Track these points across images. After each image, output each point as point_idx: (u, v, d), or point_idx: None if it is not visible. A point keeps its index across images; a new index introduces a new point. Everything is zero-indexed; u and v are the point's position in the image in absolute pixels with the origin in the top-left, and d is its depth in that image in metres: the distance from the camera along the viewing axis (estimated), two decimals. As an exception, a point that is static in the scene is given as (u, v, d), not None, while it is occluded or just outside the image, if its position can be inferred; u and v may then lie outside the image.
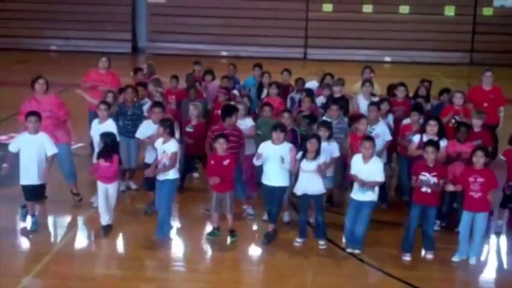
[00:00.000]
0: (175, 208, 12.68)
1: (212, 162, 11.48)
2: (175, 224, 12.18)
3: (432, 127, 12.13)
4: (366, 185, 11.01)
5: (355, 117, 12.99)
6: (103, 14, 32.86)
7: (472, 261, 11.12)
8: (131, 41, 33.89)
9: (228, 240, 11.61)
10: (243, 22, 32.70)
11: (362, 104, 14.42)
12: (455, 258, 11.16)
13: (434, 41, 32.67)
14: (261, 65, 17.44)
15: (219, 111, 13.23)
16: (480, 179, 10.86)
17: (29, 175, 11.52)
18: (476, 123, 12.74)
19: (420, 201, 11.05)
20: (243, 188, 12.54)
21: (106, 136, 11.72)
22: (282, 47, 32.42)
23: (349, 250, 11.26)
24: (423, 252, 11.34)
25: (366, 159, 11.11)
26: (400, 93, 14.64)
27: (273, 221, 11.71)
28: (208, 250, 11.49)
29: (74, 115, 13.43)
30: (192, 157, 13.95)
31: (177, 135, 12.74)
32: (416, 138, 12.36)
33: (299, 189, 11.49)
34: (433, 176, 10.95)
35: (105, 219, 11.71)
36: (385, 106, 13.68)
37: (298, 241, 11.67)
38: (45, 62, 29.42)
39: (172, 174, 11.49)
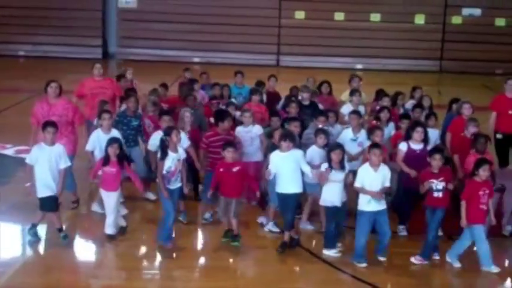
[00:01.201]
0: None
1: (221, 169, 11.43)
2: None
3: (420, 134, 12.09)
4: (379, 195, 10.93)
5: (371, 129, 12.78)
6: (73, 20, 32.56)
7: (495, 269, 11.06)
8: (102, 47, 33.67)
9: (231, 244, 11.63)
10: (216, 28, 32.64)
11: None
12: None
13: (404, 48, 32.91)
14: (242, 72, 17.35)
15: (211, 119, 13.38)
16: (487, 191, 10.94)
17: (47, 187, 11.23)
18: (472, 131, 12.73)
19: (433, 204, 11.13)
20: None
21: (115, 141, 11.61)
22: (254, 54, 32.41)
23: (382, 259, 11.24)
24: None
25: (376, 166, 11.00)
26: (384, 102, 14.74)
27: (288, 229, 11.50)
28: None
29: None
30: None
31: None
32: (403, 146, 12.23)
33: (326, 201, 11.43)
34: (441, 181, 11.04)
35: (111, 228, 11.71)
36: (385, 114, 13.67)
37: (325, 253, 11.49)
38: (13, 68, 29.21)
39: (179, 183, 11.56)
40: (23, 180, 12.27)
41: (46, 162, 11.19)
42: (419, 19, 33.37)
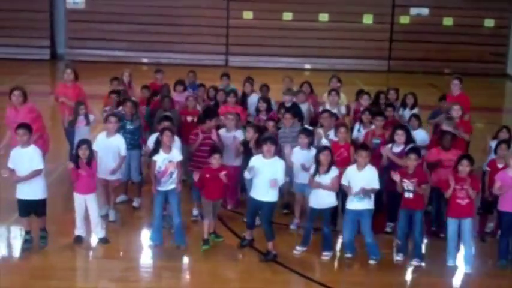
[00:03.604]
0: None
1: (207, 175, 11.38)
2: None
3: (400, 136, 12.29)
4: (363, 193, 11.05)
5: (336, 126, 12.96)
6: (21, 21, 32.11)
7: (467, 270, 11.27)
8: (50, 48, 33.31)
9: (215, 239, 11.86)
10: (164, 29, 32.53)
11: None
12: (450, 263, 11.41)
13: (353, 48, 33.05)
14: (228, 74, 17.24)
15: (191, 118, 13.52)
16: (466, 186, 11.01)
17: (26, 190, 11.10)
18: (447, 129, 12.84)
19: (406, 206, 11.29)
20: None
21: (84, 142, 11.49)
22: (203, 54, 32.34)
23: (371, 262, 11.28)
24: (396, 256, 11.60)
25: (361, 167, 11.15)
26: (364, 101, 14.90)
27: (269, 239, 11.41)
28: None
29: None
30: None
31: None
32: (387, 147, 12.41)
33: (312, 202, 11.53)
34: (412, 182, 11.14)
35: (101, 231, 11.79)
36: (366, 116, 13.69)
37: (298, 249, 11.70)
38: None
39: (179, 187, 11.65)
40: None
41: (22, 165, 11.02)
42: (368, 19, 33.54)
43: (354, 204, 11.22)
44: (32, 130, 11.40)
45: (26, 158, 11.04)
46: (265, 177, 11.18)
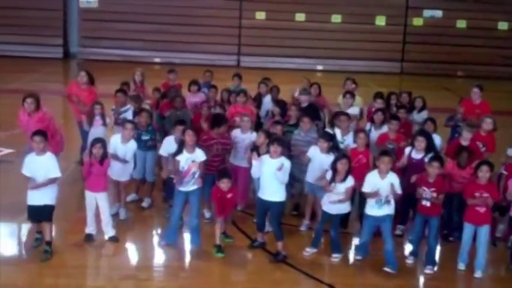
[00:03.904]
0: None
1: (218, 195, 11.28)
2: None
3: (420, 143, 12.10)
4: (385, 198, 10.99)
5: (355, 132, 12.88)
6: (34, 19, 32.26)
7: (478, 274, 11.19)
8: (63, 46, 33.41)
9: (225, 240, 11.81)
10: (176, 29, 32.58)
11: None
12: (460, 267, 11.36)
13: (365, 50, 33.03)
14: (240, 74, 17.23)
15: (204, 123, 13.44)
16: (485, 194, 10.94)
17: (37, 196, 10.94)
18: (467, 136, 12.83)
19: (422, 212, 11.23)
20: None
21: (98, 141, 11.50)
22: (215, 54, 32.40)
23: (387, 269, 11.10)
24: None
25: (383, 173, 11.03)
26: (378, 105, 14.73)
27: (278, 240, 11.43)
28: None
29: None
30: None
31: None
32: (406, 151, 12.31)
33: (326, 207, 11.51)
34: (432, 191, 11.06)
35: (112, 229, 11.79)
36: (378, 117, 13.61)
37: (308, 251, 11.69)
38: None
39: (200, 183, 11.54)
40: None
41: (37, 172, 10.89)
42: (380, 20, 33.52)
43: (374, 210, 11.12)
44: (48, 137, 11.36)
45: (42, 165, 10.92)
46: (271, 177, 11.18)
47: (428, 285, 11.20)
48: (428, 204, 11.15)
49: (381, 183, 11.01)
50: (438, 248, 11.84)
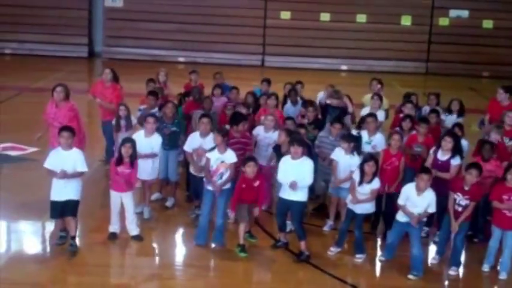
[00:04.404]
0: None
1: (243, 185, 11.28)
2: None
3: (447, 143, 11.91)
4: (416, 220, 10.88)
5: (390, 134, 12.81)
6: (59, 18, 32.38)
7: (503, 276, 11.13)
8: (88, 46, 33.50)
9: (248, 240, 11.86)
10: (201, 28, 32.55)
11: None
12: (485, 268, 11.30)
13: (390, 50, 32.85)
14: (269, 80, 17.03)
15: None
16: None
17: (61, 191, 10.93)
18: (496, 138, 12.73)
19: (454, 216, 11.08)
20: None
21: (128, 141, 11.55)
22: (239, 54, 32.36)
23: (411, 276, 10.98)
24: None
25: (421, 191, 10.87)
26: (407, 110, 14.51)
27: (301, 239, 11.42)
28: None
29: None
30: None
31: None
32: (432, 153, 12.16)
33: (350, 204, 11.51)
34: (466, 198, 10.95)
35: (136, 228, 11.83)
36: (406, 124, 13.36)
37: (332, 250, 11.70)
38: (-1, 66, 29.11)
39: (229, 184, 11.52)
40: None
41: (64, 167, 10.85)
42: (406, 20, 33.33)
43: (405, 218, 11.04)
44: (75, 133, 11.36)
45: (70, 160, 10.90)
46: (292, 177, 11.12)
47: (452, 287, 11.10)
48: (460, 209, 11.01)
49: (417, 199, 10.88)
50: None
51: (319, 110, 14.74)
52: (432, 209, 10.93)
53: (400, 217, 11.08)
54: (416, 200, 10.85)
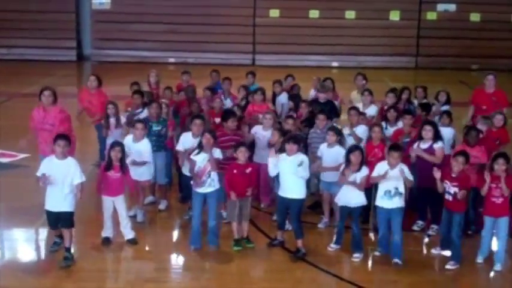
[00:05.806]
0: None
1: (235, 171, 11.34)
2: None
3: (427, 132, 12.10)
4: (394, 189, 10.99)
5: (370, 126, 12.89)
6: (47, 22, 32.29)
7: (497, 267, 11.14)
8: (76, 49, 33.43)
9: (247, 246, 11.73)
10: (190, 28, 32.51)
11: None
12: (479, 260, 11.33)
13: (380, 45, 32.91)
14: (254, 72, 17.27)
15: (219, 119, 13.34)
16: (501, 184, 10.88)
17: (55, 201, 10.78)
18: (482, 128, 12.80)
19: (446, 207, 11.18)
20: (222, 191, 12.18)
21: (118, 145, 11.48)
22: (230, 53, 32.31)
23: (395, 260, 11.13)
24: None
25: (393, 167, 11.05)
26: (389, 99, 14.74)
27: (298, 237, 11.46)
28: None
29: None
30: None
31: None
32: (414, 145, 12.29)
33: (340, 200, 11.52)
34: (454, 186, 10.99)
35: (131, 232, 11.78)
36: (391, 114, 13.63)
37: (332, 247, 11.72)
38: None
39: (218, 184, 11.50)
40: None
41: (58, 176, 10.69)
42: (394, 15, 33.38)
43: (384, 202, 11.11)
44: (70, 142, 11.20)
45: (63, 169, 10.71)
46: (290, 174, 11.18)
47: (448, 280, 11.08)
48: (450, 198, 11.05)
49: (391, 172, 11.03)
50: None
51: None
52: (410, 177, 11.07)
53: (380, 202, 11.15)
54: (391, 172, 11.01)
